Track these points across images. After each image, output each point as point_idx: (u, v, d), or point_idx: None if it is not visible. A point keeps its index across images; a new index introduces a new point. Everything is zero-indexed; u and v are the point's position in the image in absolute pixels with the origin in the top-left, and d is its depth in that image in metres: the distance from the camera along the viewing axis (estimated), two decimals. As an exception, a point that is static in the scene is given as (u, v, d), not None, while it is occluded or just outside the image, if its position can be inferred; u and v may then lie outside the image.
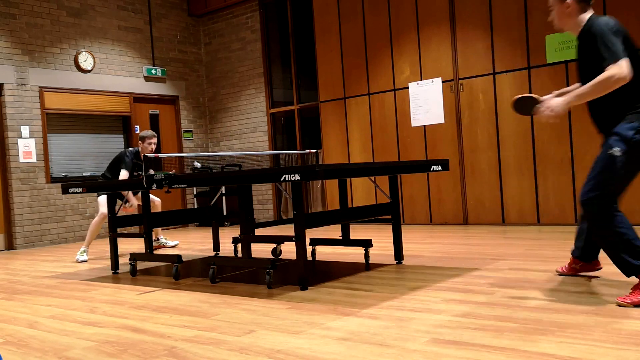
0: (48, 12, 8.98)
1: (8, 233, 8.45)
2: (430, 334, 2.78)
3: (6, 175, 8.46)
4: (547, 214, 7.02)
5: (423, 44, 7.95)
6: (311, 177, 3.63)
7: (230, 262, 5.22)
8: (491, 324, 2.88)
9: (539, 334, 2.66)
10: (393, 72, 8.24)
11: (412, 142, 8.10)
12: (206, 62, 11.12)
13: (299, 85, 9.86)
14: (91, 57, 9.38)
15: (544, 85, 6.96)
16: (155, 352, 2.80)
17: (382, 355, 2.51)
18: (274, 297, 3.85)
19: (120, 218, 5.51)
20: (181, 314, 3.58)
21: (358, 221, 8.65)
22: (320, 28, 8.97)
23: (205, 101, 11.15)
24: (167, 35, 10.57)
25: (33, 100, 8.70)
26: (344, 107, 8.78)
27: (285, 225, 7.76)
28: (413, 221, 8.18)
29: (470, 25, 7.53)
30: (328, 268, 4.96)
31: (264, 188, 10.26)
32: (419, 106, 8.00)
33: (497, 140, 7.37)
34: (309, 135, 9.81)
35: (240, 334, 3.01)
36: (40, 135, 8.72)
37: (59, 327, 3.46)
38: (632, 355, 2.31)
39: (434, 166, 4.67)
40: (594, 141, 6.68)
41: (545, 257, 4.74)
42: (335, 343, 2.74)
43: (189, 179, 4.45)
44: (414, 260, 5.03)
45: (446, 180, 7.83)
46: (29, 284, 5.18)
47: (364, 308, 3.38)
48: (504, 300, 3.35)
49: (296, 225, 4.02)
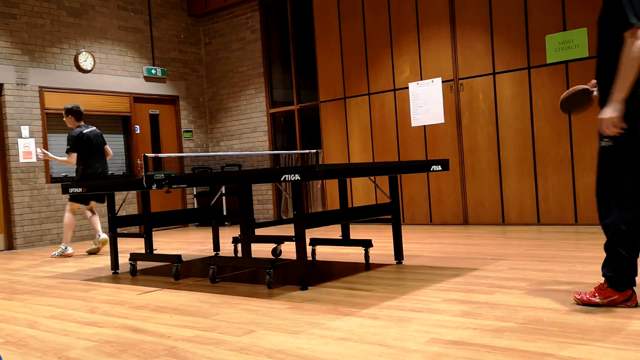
0: (48, 12, 8.98)
1: (8, 233, 8.45)
2: (430, 334, 2.78)
3: (6, 175, 8.46)
4: (547, 214, 7.02)
5: (423, 44, 7.95)
6: (311, 177, 3.63)
7: (230, 262, 5.22)
8: (491, 324, 2.88)
9: (539, 334, 2.66)
10: (393, 72, 8.24)
11: (412, 142, 8.10)
12: (206, 62, 11.12)
13: (299, 85, 9.85)
14: (91, 57, 9.38)
15: (544, 85, 6.96)
16: (155, 352, 2.80)
17: (382, 355, 2.51)
18: (274, 297, 3.85)
19: (121, 218, 5.51)
20: (181, 314, 3.58)
21: (358, 221, 8.67)
22: (320, 28, 8.97)
23: (205, 101, 11.14)
24: (167, 35, 10.57)
25: (33, 100, 8.70)
26: (344, 107, 8.78)
27: (285, 225, 7.76)
28: (413, 221, 8.18)
29: (470, 25, 7.53)
30: (328, 268, 4.96)
31: (264, 188, 10.26)
32: (419, 106, 8.00)
33: (497, 140, 7.37)
34: (309, 135, 9.81)
35: (240, 334, 3.01)
36: (40, 135, 8.72)
37: (59, 327, 3.46)
38: (632, 355, 2.31)
39: (434, 166, 4.67)
40: (594, 141, 6.68)
41: (545, 257, 4.74)
42: (335, 343, 2.74)
43: (189, 179, 4.45)
44: (414, 260, 5.03)
45: (446, 180, 7.83)
46: (29, 284, 5.18)
47: (364, 308, 3.38)
48: (504, 300, 3.35)
49: (296, 225, 4.02)
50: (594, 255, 4.68)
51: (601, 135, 3.01)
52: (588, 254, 4.73)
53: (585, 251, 4.91)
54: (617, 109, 2.87)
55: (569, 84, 6.73)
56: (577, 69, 6.73)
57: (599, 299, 3.04)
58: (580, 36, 6.68)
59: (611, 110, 2.89)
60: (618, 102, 2.87)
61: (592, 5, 6.59)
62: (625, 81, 2.83)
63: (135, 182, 4.94)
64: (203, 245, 7.37)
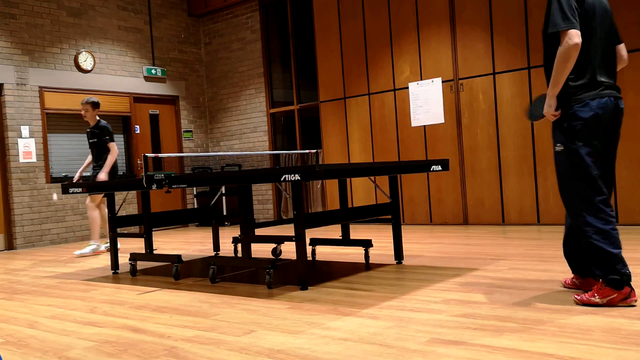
0: (48, 12, 8.98)
1: (8, 233, 8.45)
2: (430, 334, 2.78)
3: (6, 175, 8.46)
4: (547, 214, 7.02)
5: (423, 44, 7.95)
6: (311, 177, 3.63)
7: (230, 262, 5.22)
8: (491, 324, 2.88)
9: (539, 334, 2.66)
10: (393, 72, 8.24)
11: (412, 142, 8.10)
12: (206, 62, 11.12)
13: (299, 85, 9.85)
14: (91, 57, 9.39)
15: (544, 85, 6.94)
16: (155, 352, 2.80)
17: (382, 355, 2.51)
18: (274, 297, 3.85)
19: (121, 218, 5.51)
20: (181, 314, 3.58)
21: (358, 221, 8.67)
22: (320, 28, 8.97)
23: (205, 101, 11.15)
24: (167, 35, 10.57)
25: (33, 100, 8.70)
26: (344, 107, 8.78)
27: (285, 225, 7.76)
28: (413, 221, 8.18)
29: (470, 25, 7.53)
30: (328, 268, 4.96)
31: (264, 188, 10.26)
32: (419, 106, 8.00)
33: (497, 140, 7.37)
34: (309, 135, 9.81)
35: (240, 334, 3.01)
36: (40, 135, 8.72)
37: (59, 327, 3.46)
38: (632, 355, 2.31)
39: (434, 166, 4.67)
40: (594, 141, 6.68)
41: (545, 257, 4.74)
42: (335, 343, 2.74)
43: (189, 179, 4.45)
44: (414, 260, 5.03)
45: (446, 180, 7.83)
46: (29, 284, 5.18)
47: (364, 308, 3.38)
48: (504, 300, 3.35)
49: (296, 225, 4.02)
50: (594, 255, 4.68)
51: (554, 140, 3.21)
52: (588, 254, 4.73)
53: (585, 251, 4.91)
54: (549, 104, 3.15)
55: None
56: (577, 69, 6.72)
57: (599, 299, 3.04)
58: (580, 36, 6.67)
59: (547, 105, 3.18)
60: (551, 98, 3.15)
61: None
62: (557, 79, 3.08)
63: (135, 182, 4.94)
64: (203, 245, 7.37)
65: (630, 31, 6.37)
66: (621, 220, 6.49)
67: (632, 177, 6.46)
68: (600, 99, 3.08)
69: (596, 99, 3.07)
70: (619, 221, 6.50)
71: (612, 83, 3.17)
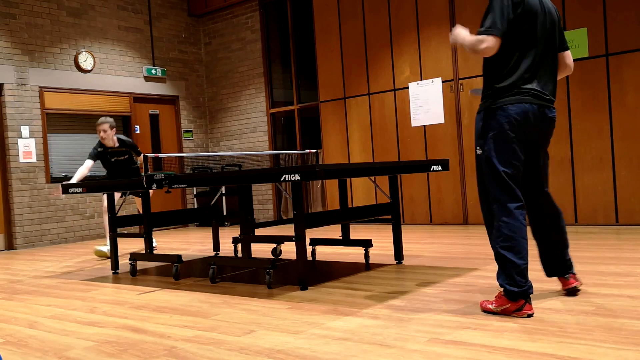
0: (48, 12, 8.98)
1: (8, 233, 8.45)
2: (430, 334, 2.78)
3: (6, 175, 8.46)
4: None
5: (423, 44, 7.95)
6: (311, 177, 3.63)
7: (230, 262, 5.22)
8: (491, 324, 2.88)
9: (539, 334, 2.66)
10: (393, 72, 8.24)
11: (412, 142, 8.10)
12: (206, 62, 11.12)
13: (299, 85, 9.86)
14: (91, 57, 9.39)
15: (544, 85, 6.95)
16: (155, 352, 2.80)
17: (382, 355, 2.51)
18: (274, 297, 3.85)
19: (121, 218, 5.51)
20: (181, 314, 3.58)
21: (358, 221, 8.66)
22: (320, 28, 8.97)
23: (205, 101, 11.15)
24: (167, 35, 10.57)
25: (33, 100, 8.70)
26: (344, 107, 8.78)
27: (285, 225, 7.75)
28: (413, 221, 8.18)
29: (470, 25, 7.47)
30: (328, 268, 4.96)
31: (264, 188, 10.26)
32: (419, 106, 8.00)
33: (497, 140, 7.36)
34: (309, 135, 9.81)
35: (240, 334, 3.01)
36: (40, 135, 8.72)
37: (59, 327, 3.46)
38: (632, 355, 2.31)
39: (434, 166, 4.67)
40: (594, 141, 6.68)
41: (545, 257, 4.73)
42: (335, 343, 2.74)
43: (189, 179, 4.45)
44: (414, 260, 5.03)
45: (446, 180, 7.83)
46: (29, 284, 5.18)
47: (364, 308, 3.38)
48: (504, 300, 3.35)
49: (296, 225, 4.02)
50: (594, 255, 4.68)
51: (475, 143, 3.18)
52: (587, 254, 4.73)
53: (584, 251, 4.91)
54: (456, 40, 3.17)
55: (569, 84, 6.72)
56: (577, 68, 6.72)
57: (495, 307, 3.06)
58: (581, 36, 6.68)
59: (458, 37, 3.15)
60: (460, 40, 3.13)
61: (592, 5, 6.59)
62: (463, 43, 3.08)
63: (135, 182, 4.94)
64: (203, 245, 7.37)
65: (630, 31, 6.37)
66: (621, 220, 6.49)
67: (632, 177, 6.45)
68: (520, 104, 3.00)
69: (515, 104, 3.00)
70: (618, 221, 6.51)
71: (540, 90, 3.06)
